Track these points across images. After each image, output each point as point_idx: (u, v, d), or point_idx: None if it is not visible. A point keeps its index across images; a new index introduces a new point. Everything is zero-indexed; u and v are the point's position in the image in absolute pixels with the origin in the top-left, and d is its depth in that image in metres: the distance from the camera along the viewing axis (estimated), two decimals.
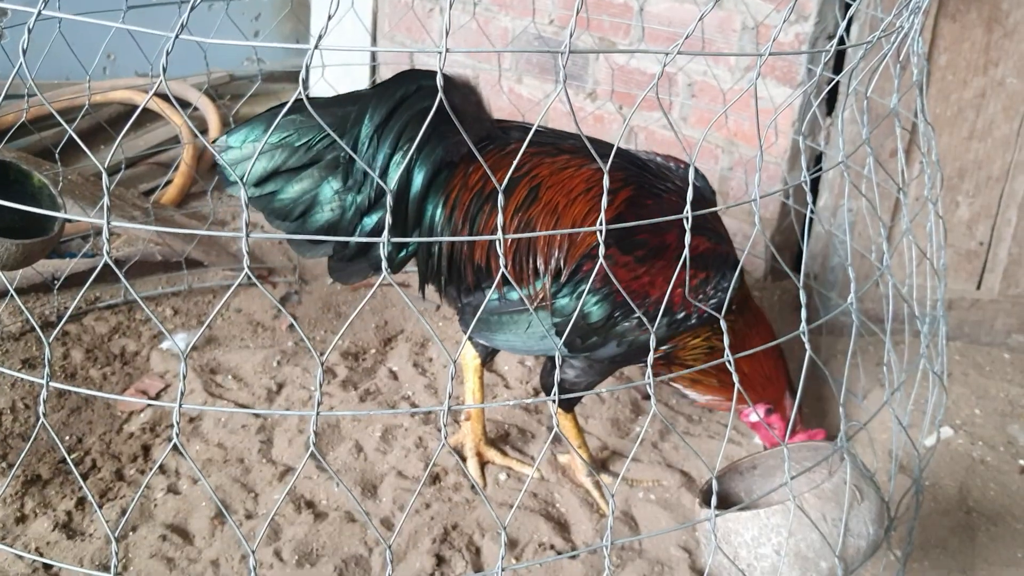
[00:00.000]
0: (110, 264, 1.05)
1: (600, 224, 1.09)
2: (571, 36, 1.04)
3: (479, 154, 1.04)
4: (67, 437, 2.31)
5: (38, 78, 1.09)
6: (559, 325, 1.90)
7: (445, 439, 1.07)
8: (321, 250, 1.94)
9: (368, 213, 1.86)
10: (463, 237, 1.83)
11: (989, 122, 2.71)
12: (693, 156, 1.23)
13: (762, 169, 1.38)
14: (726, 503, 1.72)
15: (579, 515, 2.18)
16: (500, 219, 1.03)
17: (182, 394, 1.02)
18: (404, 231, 1.92)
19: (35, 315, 2.72)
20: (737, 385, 1.31)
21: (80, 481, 1.50)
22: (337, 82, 2.77)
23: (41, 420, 1.07)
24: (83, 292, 1.17)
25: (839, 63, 2.86)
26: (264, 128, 1.80)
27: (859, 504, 1.52)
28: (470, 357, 2.25)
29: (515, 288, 1.86)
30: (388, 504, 2.18)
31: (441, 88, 0.95)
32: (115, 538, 1.05)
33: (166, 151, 3.62)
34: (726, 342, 1.28)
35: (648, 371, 1.25)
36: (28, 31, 0.95)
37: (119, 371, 2.58)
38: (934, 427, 2.38)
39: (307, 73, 1.06)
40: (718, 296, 1.92)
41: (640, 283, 1.87)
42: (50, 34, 2.05)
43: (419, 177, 1.88)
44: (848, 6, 2.71)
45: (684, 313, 1.92)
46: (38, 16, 1.00)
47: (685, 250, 1.19)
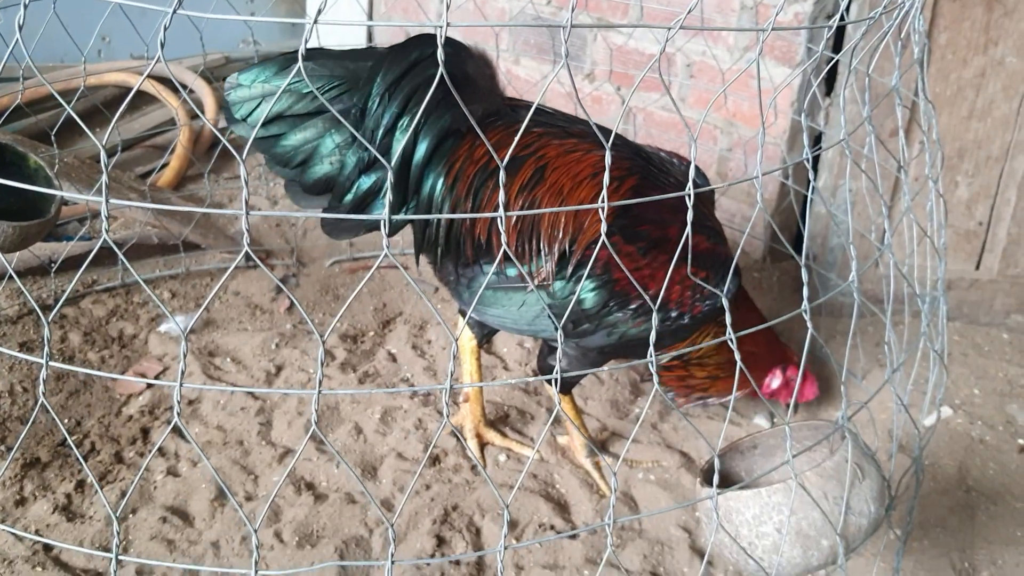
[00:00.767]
0: (109, 243, 1.05)
1: (602, 200, 1.08)
2: (572, 11, 1.03)
3: (485, 127, 1.03)
4: (66, 420, 2.31)
5: (33, 61, 1.08)
6: (552, 308, 1.90)
7: (448, 418, 1.07)
8: (316, 202, 1.92)
9: (367, 172, 1.84)
10: (468, 214, 1.81)
11: (989, 102, 2.70)
12: (693, 137, 1.22)
13: (762, 150, 1.38)
14: (727, 483, 1.72)
15: (579, 496, 2.18)
16: (502, 196, 1.02)
17: (182, 373, 1.02)
18: (403, 196, 1.89)
19: (33, 298, 2.71)
20: (739, 364, 1.31)
21: (81, 463, 1.50)
22: None
23: (40, 400, 1.07)
24: (81, 272, 1.16)
25: (838, 43, 2.85)
26: (275, 70, 1.79)
27: (860, 482, 1.52)
28: (466, 339, 2.25)
29: (514, 264, 1.85)
30: (388, 486, 2.18)
31: (442, 60, 0.94)
32: (116, 518, 1.04)
33: (162, 133, 3.60)
34: (728, 322, 1.28)
35: (650, 350, 1.25)
36: (24, 6, 0.94)
37: (117, 354, 2.58)
38: (934, 406, 2.38)
39: (304, 53, 1.05)
40: (714, 299, 1.92)
41: (640, 275, 1.86)
42: (44, 15, 2.04)
43: (424, 143, 1.85)
44: None
45: (678, 312, 1.92)
46: None
47: (686, 242, 1.18)
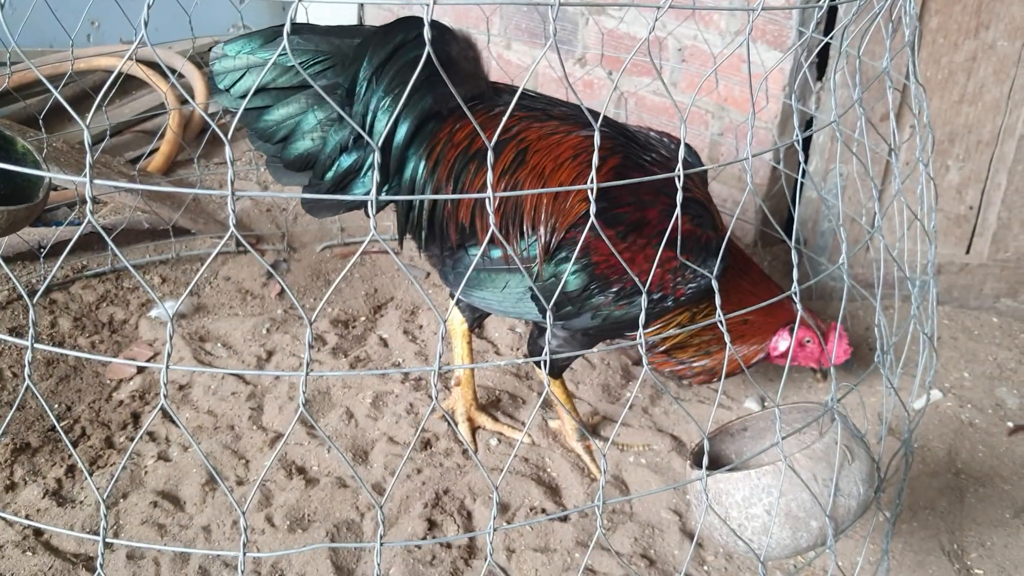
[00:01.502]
0: (95, 226, 1.04)
1: (591, 182, 1.08)
2: None
3: (468, 110, 1.02)
4: (56, 405, 2.30)
5: (20, 46, 1.07)
6: (537, 290, 1.90)
7: (437, 401, 1.06)
8: (297, 179, 1.92)
9: (348, 151, 1.85)
10: (451, 195, 1.82)
11: (980, 86, 2.70)
12: (683, 119, 1.21)
13: (753, 132, 1.37)
14: (716, 465, 1.72)
15: (570, 479, 2.18)
16: (490, 177, 1.01)
17: (169, 356, 1.01)
18: (384, 178, 1.90)
19: (21, 283, 2.70)
20: (730, 345, 1.31)
21: (70, 448, 1.50)
22: None
23: (27, 384, 1.06)
24: (66, 255, 1.15)
25: (829, 26, 2.84)
26: (261, 43, 1.80)
27: (849, 464, 1.53)
28: (457, 322, 2.25)
29: (497, 247, 1.86)
30: (379, 470, 2.18)
31: (429, 39, 0.94)
32: (104, 501, 1.04)
33: (152, 118, 3.58)
34: (718, 303, 1.28)
35: (639, 332, 1.25)
36: None
37: (107, 339, 2.57)
38: (923, 390, 2.39)
39: (291, 25, 1.04)
40: (697, 282, 1.91)
41: (621, 258, 1.85)
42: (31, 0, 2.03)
43: (404, 124, 1.86)
44: None
45: (660, 294, 1.92)
46: None
47: (672, 227, 1.18)
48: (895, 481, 1.88)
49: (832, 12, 2.79)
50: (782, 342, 2.20)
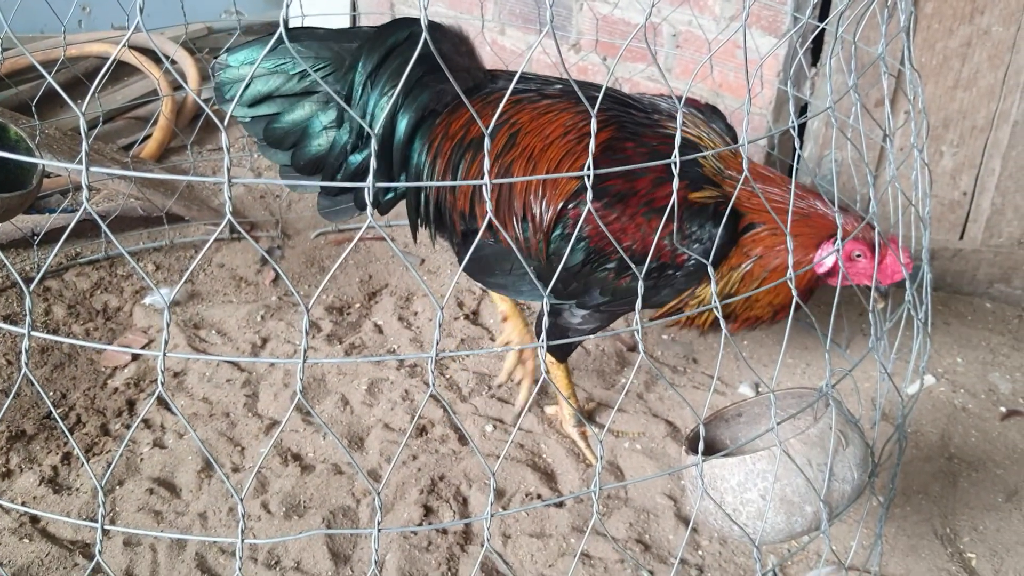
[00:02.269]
0: (91, 213, 1.03)
1: (588, 169, 1.08)
2: None
3: (466, 100, 1.02)
4: (51, 393, 2.30)
5: (12, 31, 1.07)
6: (538, 269, 1.92)
7: (433, 387, 1.06)
8: (310, 183, 1.98)
9: (355, 152, 1.91)
10: (445, 182, 1.84)
11: (974, 71, 2.70)
12: (679, 105, 1.21)
13: (748, 118, 1.36)
14: (712, 451, 1.73)
15: (565, 465, 2.19)
16: (487, 163, 1.01)
17: (166, 343, 1.01)
18: (390, 175, 1.95)
19: (16, 271, 2.69)
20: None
21: (67, 435, 1.50)
22: None
23: (24, 371, 1.06)
24: (62, 243, 1.15)
25: (824, 12, 2.84)
26: (262, 51, 1.82)
27: (844, 449, 1.53)
28: (498, 299, 2.38)
29: (498, 232, 1.88)
30: (375, 456, 2.18)
31: (426, 31, 0.93)
32: (102, 488, 1.04)
33: (145, 105, 3.57)
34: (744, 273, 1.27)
35: (635, 317, 1.25)
36: None
37: (102, 327, 2.56)
38: (917, 375, 2.40)
39: (285, 27, 1.04)
40: (700, 244, 1.88)
41: (611, 230, 1.84)
42: None
43: (403, 122, 1.91)
44: None
45: (659, 262, 1.89)
46: None
47: (673, 199, 1.18)
48: (889, 466, 1.89)
49: None
50: (828, 257, 1.90)
